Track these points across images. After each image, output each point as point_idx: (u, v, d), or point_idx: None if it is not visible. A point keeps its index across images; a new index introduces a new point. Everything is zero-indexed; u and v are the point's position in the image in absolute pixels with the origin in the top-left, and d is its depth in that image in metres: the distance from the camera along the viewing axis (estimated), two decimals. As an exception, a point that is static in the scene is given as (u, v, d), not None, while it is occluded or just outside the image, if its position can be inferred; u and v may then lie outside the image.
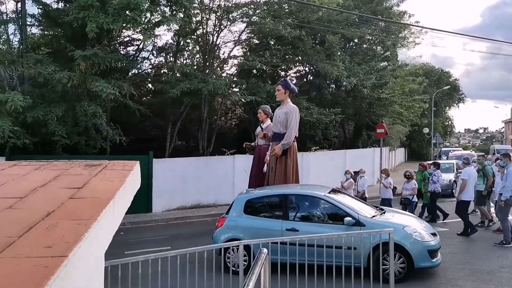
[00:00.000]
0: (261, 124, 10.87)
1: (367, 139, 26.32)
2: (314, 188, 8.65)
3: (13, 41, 14.22)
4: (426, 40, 47.00)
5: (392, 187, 11.24)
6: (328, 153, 19.17)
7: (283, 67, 20.35)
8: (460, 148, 47.81)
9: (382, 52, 24.90)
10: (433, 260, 6.85)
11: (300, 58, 20.12)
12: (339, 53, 19.99)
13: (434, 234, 7.23)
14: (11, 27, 13.99)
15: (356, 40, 23.43)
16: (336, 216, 7.21)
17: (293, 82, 18.01)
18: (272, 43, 19.67)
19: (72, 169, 1.95)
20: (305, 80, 22.59)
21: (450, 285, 6.69)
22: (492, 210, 11.07)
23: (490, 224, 10.67)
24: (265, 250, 3.29)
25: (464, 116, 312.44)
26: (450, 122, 54.59)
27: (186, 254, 5.22)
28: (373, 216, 7.21)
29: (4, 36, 13.95)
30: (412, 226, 7.10)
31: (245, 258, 6.49)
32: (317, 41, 20.08)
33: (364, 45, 23.90)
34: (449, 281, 6.82)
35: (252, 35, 19.27)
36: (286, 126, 9.49)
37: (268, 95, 17.56)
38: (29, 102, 10.88)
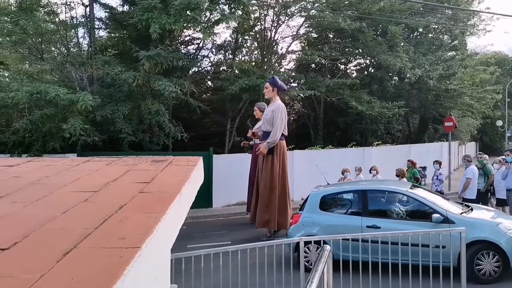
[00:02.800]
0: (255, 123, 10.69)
1: (433, 133, 25.07)
2: (394, 184, 8.35)
3: (83, 44, 15.24)
4: (498, 27, 43.62)
5: None
6: (391, 147, 18.46)
7: (342, 60, 19.93)
8: (539, 142, 44.03)
9: (450, 41, 23.55)
10: None
11: (360, 50, 19.55)
12: (402, 44, 19.18)
13: None
14: (81, 31, 14.99)
15: (420, 30, 22.35)
16: (421, 212, 6.89)
17: (353, 75, 17.53)
18: (331, 36, 19.31)
19: (140, 164, 2.02)
20: (365, 73, 21.96)
21: (548, 285, 6.18)
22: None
23: None
24: (328, 246, 3.22)
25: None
26: (526, 114, 50.46)
27: (246, 249, 5.28)
28: (462, 213, 6.83)
29: (74, 40, 14.95)
30: (507, 223, 6.64)
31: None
32: (378, 32, 19.42)
33: (430, 35, 22.74)
34: (547, 281, 6.31)
35: (311, 29, 19.04)
36: (273, 124, 9.30)
37: (327, 89, 17.28)
38: (98, 102, 11.52)
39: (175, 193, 1.38)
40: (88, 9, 14.39)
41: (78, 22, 14.60)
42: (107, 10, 15.27)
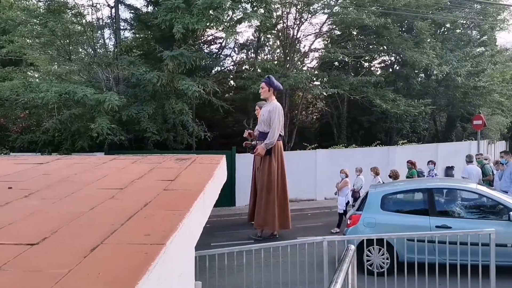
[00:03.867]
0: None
1: (461, 131, 24.38)
2: (459, 181, 8.14)
3: (109, 44, 15.56)
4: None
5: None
6: (418, 147, 18.06)
7: (366, 58, 19.60)
8: None
9: (479, 36, 22.82)
10: None
11: (385, 47, 19.20)
12: (429, 40, 18.71)
13: None
14: (107, 32, 15.31)
15: (448, 25, 21.74)
16: (493, 211, 6.67)
17: (378, 72, 17.24)
18: (355, 33, 19.05)
19: (165, 162, 2.04)
20: (390, 70, 21.57)
21: None
22: None
23: None
24: (352, 246, 3.17)
25: None
26: (560, 111, 48.46)
27: (269, 248, 5.29)
28: None
29: (101, 41, 15.27)
30: None
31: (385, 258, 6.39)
32: (404, 29, 19.01)
33: (458, 30, 22.11)
34: None
35: (334, 27, 18.83)
36: (270, 124, 9.24)
37: (351, 87, 17.06)
38: (124, 101, 11.74)
39: (199, 191, 1.39)
40: (113, 10, 14.67)
41: (104, 24, 14.91)
42: (132, 11, 15.54)
